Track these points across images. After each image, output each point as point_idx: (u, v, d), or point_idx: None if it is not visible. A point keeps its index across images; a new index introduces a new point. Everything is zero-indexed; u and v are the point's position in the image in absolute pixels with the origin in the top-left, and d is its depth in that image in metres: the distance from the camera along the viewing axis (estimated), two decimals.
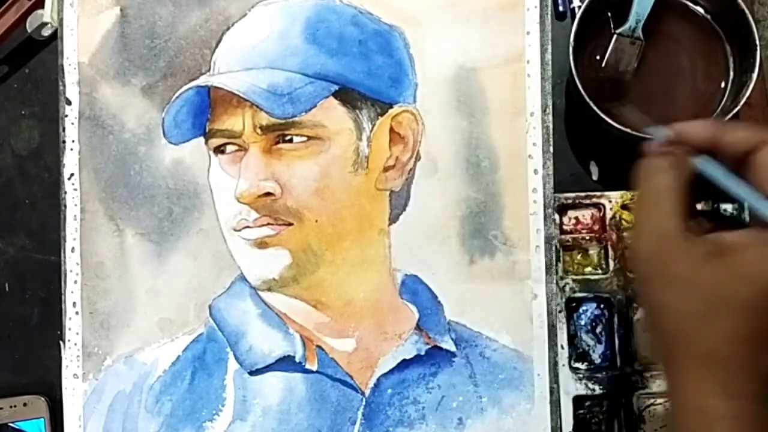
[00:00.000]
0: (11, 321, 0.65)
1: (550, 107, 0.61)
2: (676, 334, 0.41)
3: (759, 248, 0.40)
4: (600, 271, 0.62)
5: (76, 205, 0.63)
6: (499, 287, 0.61)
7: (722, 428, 0.40)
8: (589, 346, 0.62)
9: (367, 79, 0.61)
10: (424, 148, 0.62)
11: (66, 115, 0.64)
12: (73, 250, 0.63)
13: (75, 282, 0.63)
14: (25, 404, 0.63)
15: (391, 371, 0.61)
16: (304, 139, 0.60)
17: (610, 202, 0.62)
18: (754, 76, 0.58)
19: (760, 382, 0.40)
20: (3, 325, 0.65)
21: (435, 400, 0.60)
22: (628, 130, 0.58)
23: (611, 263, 0.62)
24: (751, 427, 0.40)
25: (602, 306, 0.62)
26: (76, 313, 0.62)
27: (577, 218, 0.63)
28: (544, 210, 0.61)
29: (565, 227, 0.63)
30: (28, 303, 0.65)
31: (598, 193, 0.62)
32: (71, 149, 0.63)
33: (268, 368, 0.61)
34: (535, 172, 0.61)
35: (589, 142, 0.65)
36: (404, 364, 0.61)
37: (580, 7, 0.62)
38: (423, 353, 0.61)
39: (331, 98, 0.61)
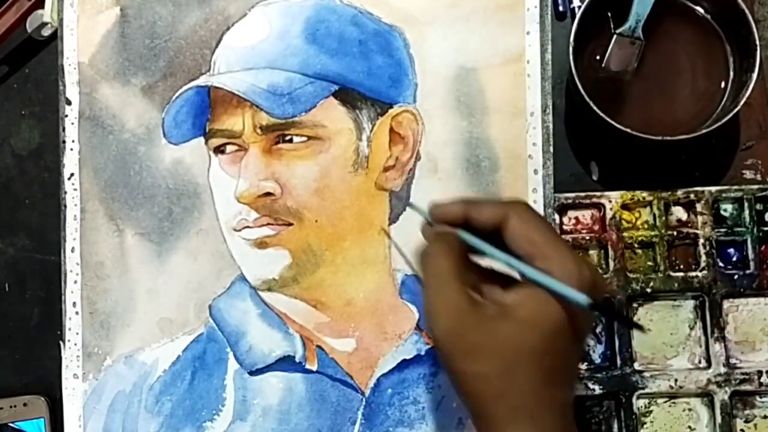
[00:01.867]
0: (11, 321, 0.65)
1: (550, 107, 0.61)
2: (486, 396, 0.45)
3: (531, 302, 0.44)
4: (600, 272, 0.62)
5: (76, 205, 0.63)
6: None
7: None
8: (589, 346, 0.62)
9: (367, 79, 0.61)
10: (424, 148, 0.62)
11: (66, 115, 0.64)
12: (73, 250, 0.63)
13: (75, 282, 0.63)
14: (25, 404, 0.63)
15: (391, 371, 0.61)
16: (304, 139, 0.60)
17: (610, 202, 0.62)
18: (754, 75, 0.58)
19: (563, 414, 0.45)
20: (3, 325, 0.65)
21: (435, 400, 0.60)
22: (629, 130, 0.58)
23: (611, 263, 0.62)
24: None
25: None
26: (76, 313, 0.62)
27: (577, 218, 0.63)
28: (544, 210, 0.61)
29: (565, 227, 0.63)
30: (28, 303, 0.65)
31: (598, 193, 0.62)
32: (71, 149, 0.63)
33: (268, 368, 0.61)
34: (535, 172, 0.61)
35: (589, 142, 0.65)
36: (404, 364, 0.61)
37: (580, 7, 0.62)
38: (423, 353, 0.61)
39: (331, 98, 0.61)
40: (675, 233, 0.62)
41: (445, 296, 0.46)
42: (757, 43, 0.59)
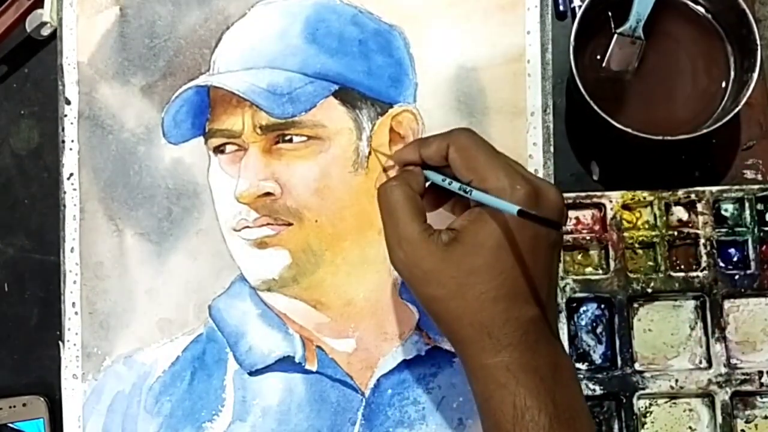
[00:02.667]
0: (11, 321, 0.65)
1: (551, 107, 0.61)
2: (446, 317, 0.48)
3: (474, 224, 0.47)
4: (600, 271, 0.62)
5: (75, 205, 0.63)
6: None
7: (500, 379, 0.46)
8: (589, 346, 0.62)
9: (367, 79, 0.61)
10: None
11: (65, 115, 0.64)
12: (72, 250, 0.63)
13: (74, 282, 0.62)
14: (24, 404, 0.63)
15: (391, 371, 0.60)
16: (304, 138, 0.60)
17: (611, 202, 0.62)
18: (755, 75, 0.58)
19: (525, 331, 0.47)
20: (2, 326, 0.65)
21: (435, 400, 0.60)
22: (629, 130, 0.58)
23: (612, 263, 0.61)
24: (523, 374, 0.46)
25: (603, 306, 0.62)
26: (76, 313, 0.62)
27: (577, 218, 0.63)
28: None
29: (565, 227, 0.63)
30: (27, 303, 0.65)
31: (598, 193, 0.62)
32: (70, 149, 0.63)
33: (268, 369, 0.61)
34: (536, 172, 0.61)
35: (589, 141, 0.64)
36: (404, 365, 0.60)
37: (580, 6, 0.62)
38: (423, 353, 0.61)
39: (331, 98, 0.61)
40: (676, 233, 0.62)
41: (397, 227, 0.49)
42: (758, 42, 0.59)
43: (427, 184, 0.52)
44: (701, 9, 0.63)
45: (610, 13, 0.62)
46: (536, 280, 0.47)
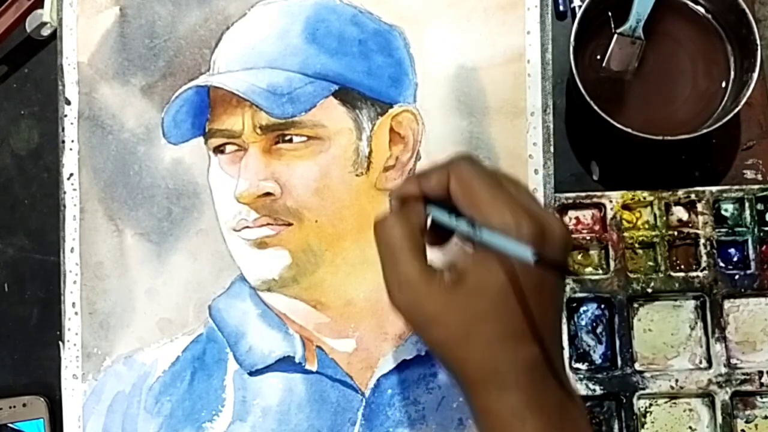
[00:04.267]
0: (11, 321, 0.65)
1: (551, 107, 0.61)
2: (450, 360, 0.46)
3: (478, 266, 0.44)
4: (600, 272, 0.62)
5: (75, 205, 0.63)
6: None
7: (506, 419, 0.45)
8: (589, 346, 0.62)
9: (367, 79, 0.61)
10: (424, 148, 0.61)
11: (65, 115, 0.64)
12: (72, 250, 0.63)
13: (74, 282, 0.62)
14: (24, 405, 0.63)
15: (391, 371, 0.60)
16: (304, 139, 0.60)
17: (611, 202, 0.62)
18: (755, 75, 0.58)
19: (531, 371, 0.45)
20: (2, 326, 0.65)
21: (435, 400, 0.60)
22: (629, 130, 0.58)
23: (612, 263, 0.61)
24: (529, 413, 0.44)
25: (603, 306, 0.62)
26: (76, 313, 0.62)
27: (577, 218, 0.63)
28: None
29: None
30: (27, 303, 0.65)
31: (598, 193, 0.62)
32: (70, 149, 0.63)
33: (268, 369, 0.61)
34: (536, 172, 0.61)
35: (589, 141, 0.64)
36: (404, 365, 0.60)
37: (580, 6, 0.62)
38: (423, 353, 0.61)
39: (331, 98, 0.61)
40: (676, 233, 0.62)
41: (397, 268, 0.46)
42: (758, 42, 0.59)
43: (430, 218, 0.49)
44: (701, 9, 0.63)
45: (610, 13, 0.62)
46: (542, 319, 0.45)
